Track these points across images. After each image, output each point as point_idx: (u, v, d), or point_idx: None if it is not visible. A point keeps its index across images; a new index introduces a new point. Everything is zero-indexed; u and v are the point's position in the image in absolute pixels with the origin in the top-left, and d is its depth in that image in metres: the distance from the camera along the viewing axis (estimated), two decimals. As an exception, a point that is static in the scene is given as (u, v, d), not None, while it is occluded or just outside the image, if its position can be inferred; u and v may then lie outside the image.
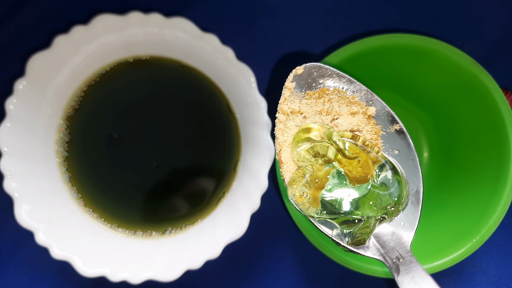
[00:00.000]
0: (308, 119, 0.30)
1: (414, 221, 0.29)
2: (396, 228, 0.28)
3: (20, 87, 0.31)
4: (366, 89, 0.30)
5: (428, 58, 0.32)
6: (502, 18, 0.36)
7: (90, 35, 0.32)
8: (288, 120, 0.30)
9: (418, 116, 0.37)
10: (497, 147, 0.32)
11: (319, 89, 0.30)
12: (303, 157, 0.29)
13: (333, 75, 0.30)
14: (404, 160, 0.29)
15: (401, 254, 0.27)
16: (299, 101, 0.30)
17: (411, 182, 0.29)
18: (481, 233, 0.32)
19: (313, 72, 0.29)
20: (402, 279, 0.26)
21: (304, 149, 0.29)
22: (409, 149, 0.29)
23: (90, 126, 0.34)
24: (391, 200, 0.29)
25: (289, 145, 0.29)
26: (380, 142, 0.30)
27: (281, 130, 0.29)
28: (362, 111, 0.30)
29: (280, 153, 0.29)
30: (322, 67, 0.29)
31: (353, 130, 0.30)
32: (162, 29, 0.32)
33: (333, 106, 0.30)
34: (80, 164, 0.34)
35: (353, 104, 0.30)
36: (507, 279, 0.37)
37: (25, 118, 0.31)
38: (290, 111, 0.30)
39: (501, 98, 0.31)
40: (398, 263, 0.27)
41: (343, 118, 0.30)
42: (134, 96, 0.34)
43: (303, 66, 0.29)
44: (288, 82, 0.29)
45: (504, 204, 0.31)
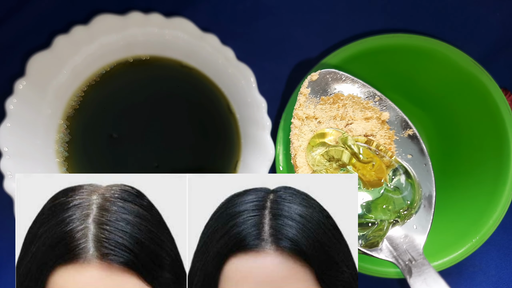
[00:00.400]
0: (322, 124, 0.30)
1: (426, 224, 0.29)
2: (409, 231, 0.29)
3: (20, 87, 0.31)
4: (380, 94, 0.30)
5: (428, 58, 0.32)
6: (502, 18, 0.36)
7: (90, 35, 0.32)
8: (303, 125, 0.30)
9: (418, 116, 0.37)
10: (497, 147, 0.32)
11: (334, 94, 0.30)
12: (318, 161, 0.29)
13: (347, 81, 0.30)
14: (417, 164, 0.30)
15: (414, 257, 0.28)
16: (314, 107, 0.30)
17: (424, 186, 0.29)
18: (481, 233, 0.32)
19: (327, 77, 0.30)
20: (414, 281, 0.27)
21: (319, 153, 0.29)
22: (422, 154, 0.30)
23: (90, 126, 0.34)
24: (404, 204, 0.29)
25: (304, 150, 0.30)
26: (394, 146, 0.30)
27: (296, 135, 0.30)
28: (376, 116, 0.30)
29: (295, 158, 0.29)
30: (337, 73, 0.30)
31: (367, 135, 0.30)
32: (162, 29, 0.32)
33: (347, 111, 0.30)
34: (80, 164, 0.34)
35: (367, 109, 0.30)
36: (507, 279, 0.37)
37: (25, 118, 0.31)
38: (305, 117, 0.30)
39: (501, 98, 0.31)
40: (411, 265, 0.27)
41: (357, 123, 0.30)
42: (134, 96, 0.34)
43: (318, 72, 0.30)
44: (304, 88, 0.30)
45: (504, 204, 0.31)
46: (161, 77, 0.35)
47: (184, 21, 0.32)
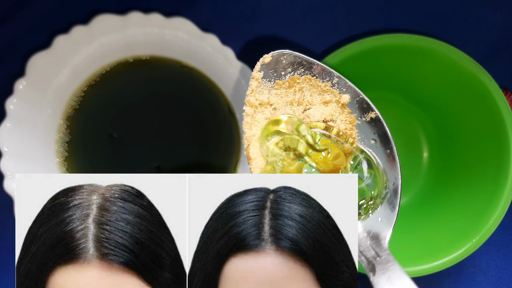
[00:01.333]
0: (278, 110, 0.28)
1: (392, 216, 0.27)
2: (373, 224, 0.26)
3: (20, 87, 0.31)
4: (339, 75, 0.28)
5: (428, 58, 0.32)
6: (502, 18, 0.36)
7: (90, 35, 0.32)
8: (257, 113, 0.28)
9: (418, 116, 0.37)
10: (497, 147, 0.32)
11: (289, 77, 0.28)
12: (272, 152, 0.27)
13: (303, 62, 0.28)
14: (381, 150, 0.28)
15: (378, 253, 0.25)
16: (268, 92, 0.28)
17: (389, 174, 0.27)
18: (481, 233, 0.32)
19: (281, 60, 0.27)
20: (378, 280, 0.24)
21: (274, 142, 0.27)
22: (386, 139, 0.28)
23: (90, 126, 0.34)
24: (368, 194, 0.27)
25: (258, 140, 0.27)
26: (356, 132, 0.28)
27: (249, 124, 0.27)
28: (335, 100, 0.28)
29: (248, 148, 0.27)
30: (291, 54, 0.27)
31: (326, 120, 0.28)
32: (162, 29, 0.32)
33: (305, 95, 0.28)
34: (80, 164, 0.34)
35: (325, 92, 0.28)
36: (507, 279, 0.37)
37: (25, 118, 0.31)
38: (259, 103, 0.28)
39: (501, 98, 0.31)
40: (375, 262, 0.25)
41: (315, 108, 0.28)
42: (134, 96, 0.34)
43: (271, 54, 0.27)
44: (255, 72, 0.28)
45: (504, 204, 0.31)
46: (161, 77, 0.34)
47: (184, 21, 0.32)
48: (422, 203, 0.36)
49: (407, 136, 0.37)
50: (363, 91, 0.36)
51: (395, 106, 0.37)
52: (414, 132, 0.37)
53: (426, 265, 0.32)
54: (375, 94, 0.36)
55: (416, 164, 0.37)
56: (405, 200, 0.37)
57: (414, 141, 0.38)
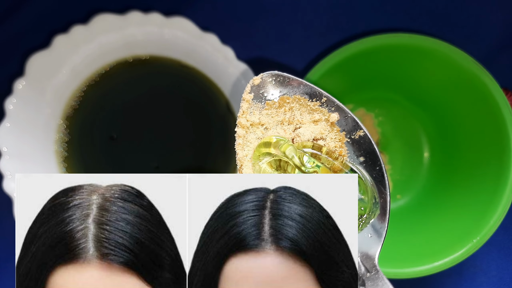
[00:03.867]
0: (269, 130, 0.29)
1: (381, 232, 0.27)
2: (363, 241, 0.27)
3: (19, 87, 0.30)
4: (327, 95, 0.28)
5: (429, 58, 0.32)
6: (503, 18, 0.36)
7: (89, 35, 0.32)
8: (249, 133, 0.28)
9: (418, 116, 0.37)
10: (498, 147, 0.32)
11: (279, 98, 0.28)
12: (264, 171, 0.27)
13: (292, 82, 0.28)
14: (370, 168, 0.28)
15: (368, 269, 0.26)
16: (259, 112, 0.28)
17: (378, 191, 0.28)
18: (482, 233, 0.32)
19: (271, 80, 0.28)
20: None
21: (266, 162, 0.28)
22: (374, 157, 0.28)
23: (90, 126, 0.34)
24: (358, 211, 0.27)
25: (251, 160, 0.28)
26: (345, 149, 0.28)
27: (241, 145, 0.28)
28: (324, 118, 0.29)
29: (241, 169, 0.28)
30: (280, 75, 0.28)
31: (316, 138, 0.28)
32: (162, 28, 0.32)
33: (295, 114, 0.29)
34: (79, 164, 0.34)
35: (315, 111, 0.29)
36: (507, 279, 0.37)
37: (25, 118, 0.31)
38: (250, 124, 0.28)
39: (501, 98, 0.31)
40: (365, 278, 0.26)
41: (305, 127, 0.28)
42: (134, 96, 0.34)
43: (260, 75, 0.28)
44: (246, 94, 0.28)
45: (505, 204, 0.31)
46: (161, 77, 0.34)
47: (184, 20, 0.32)
48: (422, 203, 0.36)
49: (408, 136, 0.37)
50: (364, 91, 0.36)
51: (395, 106, 0.37)
52: (415, 132, 0.37)
53: (427, 265, 0.32)
54: (376, 94, 0.36)
55: (417, 164, 0.37)
56: (406, 200, 0.37)
57: (415, 141, 0.37)
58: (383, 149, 0.38)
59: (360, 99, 0.37)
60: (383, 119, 0.37)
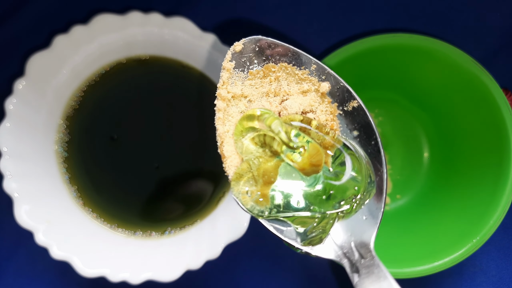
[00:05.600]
0: (254, 102, 0.26)
1: (377, 213, 0.24)
2: (357, 223, 0.25)
3: (19, 87, 0.30)
4: (316, 61, 0.25)
5: (428, 58, 0.32)
6: (502, 18, 0.36)
7: (90, 35, 0.32)
8: (230, 107, 0.25)
9: (418, 116, 0.37)
10: (498, 147, 0.32)
11: (264, 66, 0.25)
12: (247, 149, 0.25)
13: (277, 48, 0.25)
14: (364, 142, 0.25)
15: (362, 254, 0.24)
16: (241, 83, 0.25)
17: (374, 168, 0.25)
18: (482, 233, 0.32)
19: (254, 47, 0.25)
20: (361, 283, 0.23)
21: (249, 138, 0.25)
22: (369, 129, 0.25)
23: (90, 126, 0.34)
24: (351, 191, 0.25)
25: (232, 136, 0.25)
26: (337, 122, 0.26)
27: (221, 120, 0.25)
28: (314, 89, 0.26)
29: (222, 146, 0.25)
30: (264, 40, 0.25)
31: (305, 111, 0.26)
32: (162, 29, 0.32)
33: (281, 85, 0.26)
34: (79, 164, 0.34)
35: (303, 81, 0.26)
36: (507, 279, 0.37)
37: (25, 118, 0.31)
38: (231, 96, 0.25)
39: (501, 98, 0.31)
40: (359, 265, 0.23)
41: (293, 99, 0.25)
42: (134, 96, 0.34)
43: (242, 41, 0.25)
44: (226, 62, 0.25)
45: (505, 204, 0.31)
46: (161, 77, 0.34)
47: (184, 20, 0.32)
48: (422, 203, 0.36)
49: (408, 136, 0.37)
50: (364, 91, 0.36)
51: (395, 106, 0.37)
52: (414, 132, 0.37)
53: (426, 265, 0.32)
54: (376, 94, 0.36)
55: (417, 164, 0.37)
56: (406, 200, 0.37)
57: (415, 141, 0.37)
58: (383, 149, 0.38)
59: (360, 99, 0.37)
60: (383, 119, 0.37)
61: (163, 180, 0.34)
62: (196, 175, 0.35)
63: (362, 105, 0.25)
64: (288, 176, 0.24)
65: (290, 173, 0.24)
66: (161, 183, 0.34)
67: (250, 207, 0.24)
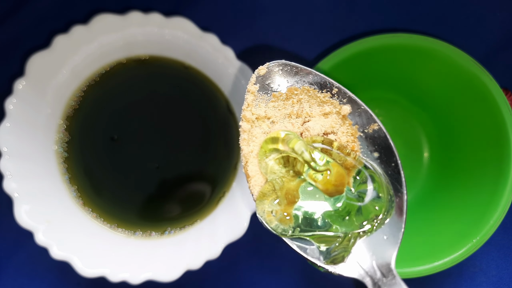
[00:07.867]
0: (276, 124, 0.27)
1: (398, 233, 0.25)
2: (378, 243, 0.25)
3: (19, 87, 0.30)
4: (339, 85, 0.27)
5: (428, 58, 0.32)
6: (502, 18, 0.36)
7: (90, 35, 0.32)
8: (254, 128, 0.26)
9: (418, 116, 0.37)
10: (498, 147, 0.32)
11: (287, 89, 0.27)
12: (271, 169, 0.26)
13: (300, 72, 0.26)
14: (385, 164, 0.26)
15: (384, 273, 0.24)
16: (265, 105, 0.27)
17: (394, 189, 0.26)
18: (482, 233, 0.32)
19: (278, 71, 0.26)
20: None
21: (273, 158, 0.26)
22: (389, 152, 0.26)
23: (90, 126, 0.34)
24: (372, 211, 0.25)
25: (256, 156, 0.26)
26: (358, 144, 0.27)
27: (246, 141, 0.26)
28: (335, 111, 0.27)
29: (246, 166, 0.26)
30: (288, 64, 0.26)
31: (327, 132, 0.27)
32: (162, 29, 0.32)
33: (303, 107, 0.27)
34: (79, 164, 0.34)
35: (325, 103, 0.27)
36: (507, 279, 0.37)
37: (25, 118, 0.31)
38: (255, 117, 0.26)
39: (501, 98, 0.31)
40: (381, 284, 0.24)
41: (315, 120, 0.27)
42: (134, 96, 0.34)
43: (266, 65, 0.26)
44: (251, 85, 0.26)
45: (505, 204, 0.31)
46: (161, 77, 0.34)
47: (184, 20, 0.32)
48: (422, 203, 0.36)
49: (408, 136, 0.37)
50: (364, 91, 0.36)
51: (395, 106, 0.37)
52: (414, 132, 0.37)
53: (426, 265, 0.32)
54: (376, 94, 0.36)
55: (417, 164, 0.37)
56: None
57: (415, 141, 0.37)
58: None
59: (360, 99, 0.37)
60: (383, 119, 0.37)
61: (163, 180, 0.34)
62: (196, 175, 0.35)
63: (383, 128, 0.26)
64: (311, 196, 0.25)
65: (314, 193, 0.25)
66: (161, 183, 0.34)
67: (275, 226, 0.25)
